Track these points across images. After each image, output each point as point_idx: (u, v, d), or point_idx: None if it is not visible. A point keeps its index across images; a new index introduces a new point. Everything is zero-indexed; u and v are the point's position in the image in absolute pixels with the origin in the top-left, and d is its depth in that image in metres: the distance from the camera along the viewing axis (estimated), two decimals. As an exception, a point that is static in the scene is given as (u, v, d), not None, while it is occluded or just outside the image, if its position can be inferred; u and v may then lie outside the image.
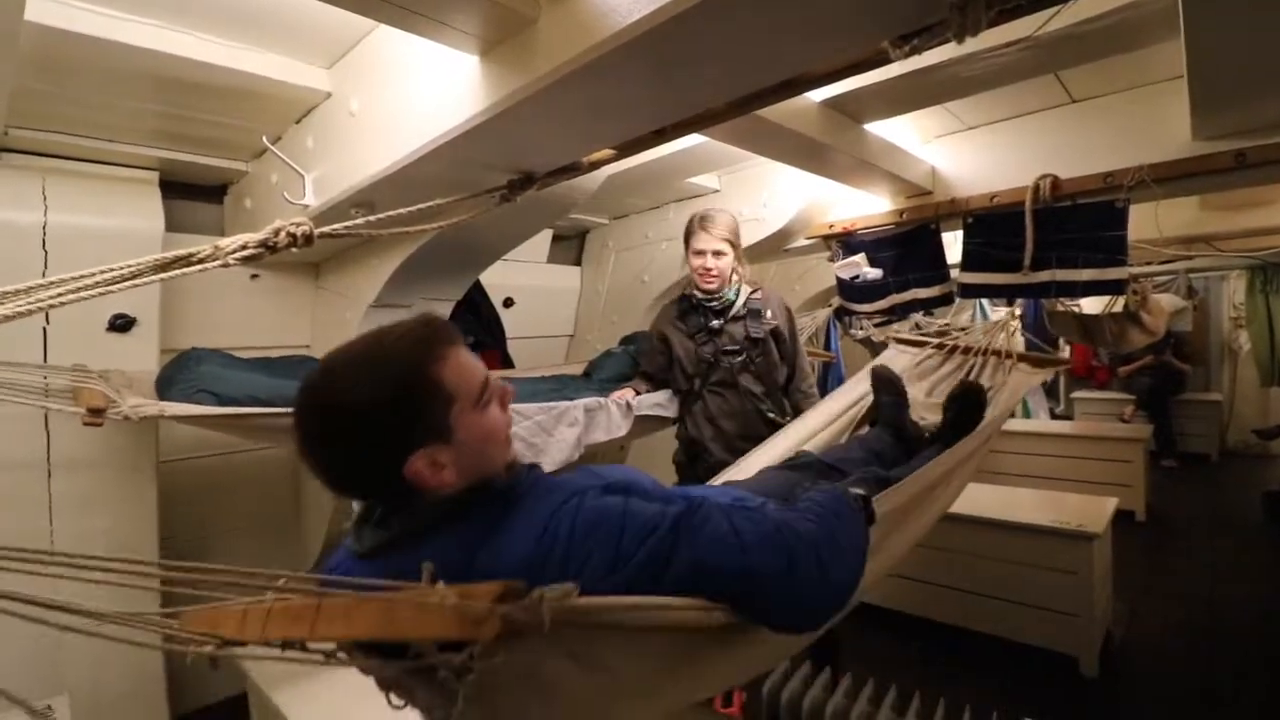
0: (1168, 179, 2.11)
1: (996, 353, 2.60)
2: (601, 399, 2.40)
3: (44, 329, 1.91)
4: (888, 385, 2.12)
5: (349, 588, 0.57)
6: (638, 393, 2.52)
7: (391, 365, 0.80)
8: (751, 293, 2.39)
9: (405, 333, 0.84)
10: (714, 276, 2.32)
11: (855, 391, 2.30)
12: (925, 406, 2.33)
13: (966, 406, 2.01)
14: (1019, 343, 2.81)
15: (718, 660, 0.94)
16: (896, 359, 2.65)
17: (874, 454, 1.84)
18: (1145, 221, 2.36)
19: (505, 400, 0.91)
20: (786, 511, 0.97)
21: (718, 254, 2.30)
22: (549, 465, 2.14)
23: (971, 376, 2.44)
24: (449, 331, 0.87)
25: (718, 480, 1.73)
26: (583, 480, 0.88)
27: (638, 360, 2.79)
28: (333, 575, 0.83)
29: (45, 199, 1.94)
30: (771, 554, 0.82)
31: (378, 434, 0.78)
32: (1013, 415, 6.00)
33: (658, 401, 2.52)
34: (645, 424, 2.51)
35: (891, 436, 1.98)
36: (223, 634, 0.60)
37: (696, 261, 2.33)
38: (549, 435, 2.18)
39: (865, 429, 2.17)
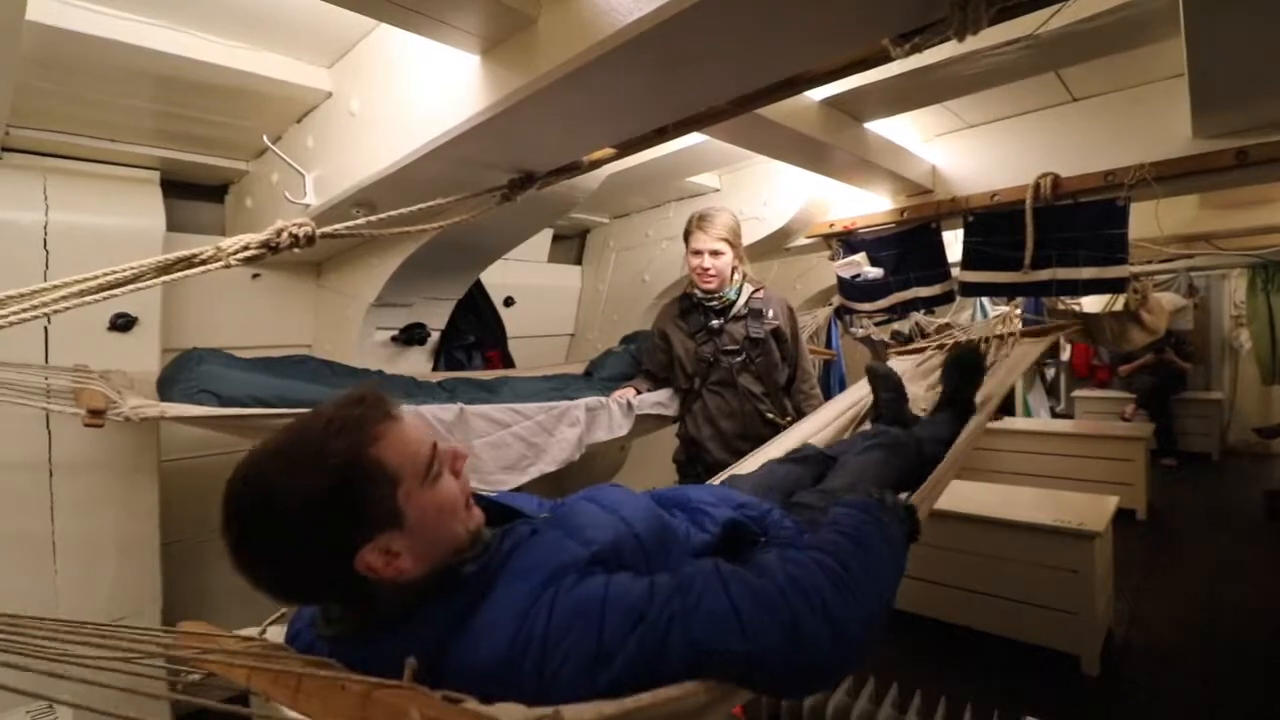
0: (1168, 177, 2.11)
1: (999, 336, 2.61)
2: (603, 398, 2.40)
3: (45, 328, 1.91)
4: (885, 381, 2.11)
5: (337, 672, 0.58)
6: (639, 391, 2.52)
7: (322, 455, 0.72)
8: (753, 292, 2.39)
9: (333, 416, 0.75)
10: (712, 276, 2.31)
11: (856, 393, 2.31)
12: (927, 399, 2.33)
13: (966, 369, 2.03)
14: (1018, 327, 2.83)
15: (726, 709, 0.90)
16: (899, 364, 2.66)
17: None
18: (1146, 220, 2.37)
19: (458, 464, 0.82)
20: (790, 558, 0.86)
21: (715, 253, 2.29)
22: (550, 465, 2.14)
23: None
24: (383, 405, 0.77)
25: (722, 476, 1.73)
26: (564, 550, 0.79)
27: (639, 359, 2.79)
28: (297, 639, 0.82)
29: (46, 198, 1.94)
30: (776, 628, 0.73)
31: (319, 534, 0.70)
32: (1013, 414, 6.03)
33: (659, 400, 2.53)
34: (646, 423, 2.51)
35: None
36: (212, 669, 0.61)
37: (694, 261, 2.32)
38: (550, 435, 2.17)
39: (866, 426, 2.17)
